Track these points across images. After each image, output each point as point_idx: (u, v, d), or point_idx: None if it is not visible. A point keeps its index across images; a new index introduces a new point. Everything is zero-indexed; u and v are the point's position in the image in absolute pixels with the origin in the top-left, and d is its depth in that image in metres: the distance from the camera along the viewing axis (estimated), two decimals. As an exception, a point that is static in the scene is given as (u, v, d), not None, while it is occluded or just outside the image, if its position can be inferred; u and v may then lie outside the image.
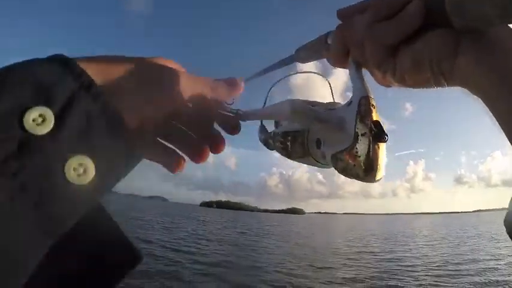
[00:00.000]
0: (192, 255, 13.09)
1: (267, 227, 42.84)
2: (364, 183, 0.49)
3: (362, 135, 0.46)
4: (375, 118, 0.47)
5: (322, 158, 0.56)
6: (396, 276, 11.25)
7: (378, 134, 0.46)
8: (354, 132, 0.47)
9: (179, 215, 48.87)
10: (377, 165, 0.46)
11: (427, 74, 0.46)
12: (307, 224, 65.08)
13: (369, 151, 0.46)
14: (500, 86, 0.40)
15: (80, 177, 0.37)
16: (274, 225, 50.33)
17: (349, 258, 15.21)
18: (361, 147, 0.46)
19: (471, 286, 10.07)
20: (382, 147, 0.46)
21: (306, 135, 0.58)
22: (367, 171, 0.46)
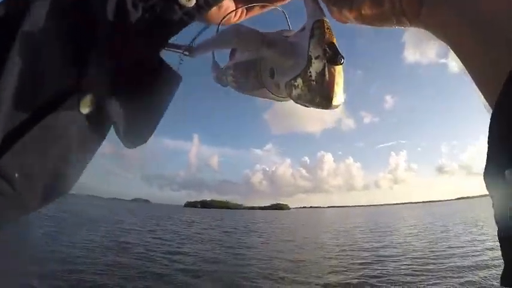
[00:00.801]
0: (173, 256, 13.08)
1: (252, 224, 42.86)
2: (323, 109, 0.47)
3: (316, 58, 0.44)
4: (329, 40, 0.45)
5: (276, 89, 0.56)
6: (384, 267, 11.45)
7: (333, 56, 0.44)
8: (307, 55, 0.45)
9: (163, 217, 48.47)
10: (333, 89, 0.44)
11: (386, 11, 0.45)
12: (292, 219, 65.26)
13: (323, 74, 0.44)
14: (468, 30, 0.38)
15: None
16: (259, 222, 50.36)
17: (331, 252, 15.36)
18: (315, 70, 0.44)
19: (458, 270, 10.35)
20: (339, 70, 0.44)
21: (259, 64, 0.57)
22: (322, 95, 0.45)
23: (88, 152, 0.59)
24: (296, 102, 0.51)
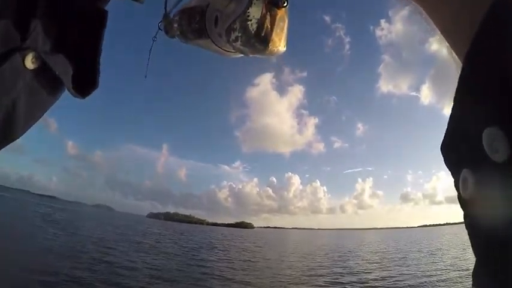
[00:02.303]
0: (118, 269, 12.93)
1: (214, 241, 42.60)
2: (261, 55, 0.46)
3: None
4: None
5: (220, 39, 0.55)
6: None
7: None
8: None
9: (124, 226, 47.88)
10: (271, 33, 0.43)
11: None
12: (255, 238, 65.22)
13: (263, 16, 0.43)
14: None
15: None
16: (220, 239, 50.07)
17: (285, 275, 15.56)
18: (254, 11, 0.43)
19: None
20: (282, 15, 0.43)
21: (205, 11, 0.56)
22: (259, 38, 0.43)
23: (37, 108, 0.64)
24: (235, 49, 0.53)
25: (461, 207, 0.41)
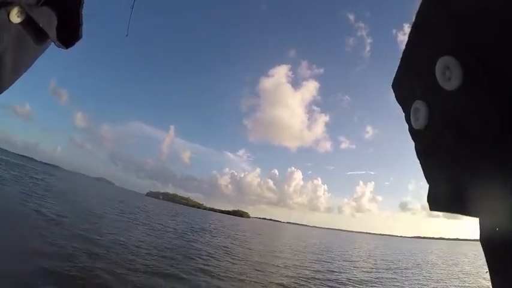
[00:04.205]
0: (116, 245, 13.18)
1: (207, 225, 43.20)
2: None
3: None
4: None
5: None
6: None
7: None
8: None
9: (121, 201, 48.49)
10: None
11: None
12: (249, 227, 65.74)
13: None
14: None
15: None
16: (214, 224, 50.58)
17: (268, 268, 16.05)
18: None
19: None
20: None
21: None
22: None
23: (24, 60, 0.66)
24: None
25: (413, 138, 0.44)
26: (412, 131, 0.44)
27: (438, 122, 0.39)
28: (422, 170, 0.43)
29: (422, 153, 0.43)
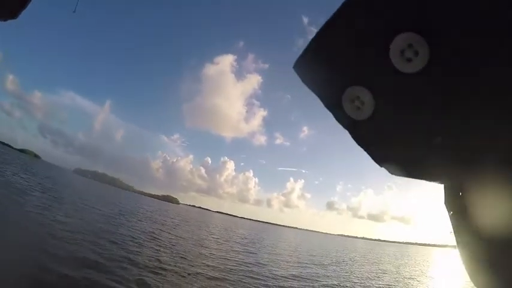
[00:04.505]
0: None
1: (136, 208, 42.54)
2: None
3: None
4: None
5: None
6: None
7: None
8: None
9: (49, 177, 46.05)
10: None
11: None
12: (178, 214, 65.30)
13: None
14: None
15: None
16: (144, 208, 49.67)
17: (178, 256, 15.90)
18: None
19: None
20: None
21: None
22: None
23: None
24: None
25: (349, 128, 0.41)
26: (349, 121, 0.41)
27: (388, 111, 0.36)
28: (371, 156, 0.41)
29: (366, 143, 0.41)
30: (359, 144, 0.42)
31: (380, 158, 0.41)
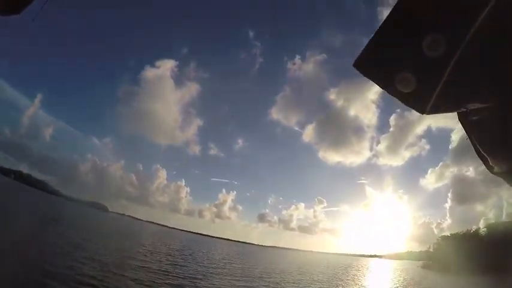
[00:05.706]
0: None
1: (64, 215, 40.92)
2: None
3: None
4: None
5: None
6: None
7: None
8: None
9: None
10: None
11: None
12: (107, 223, 62.75)
13: None
14: None
15: None
16: (72, 215, 48.04)
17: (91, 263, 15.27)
18: None
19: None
20: None
21: None
22: None
23: None
24: None
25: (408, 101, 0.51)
26: (398, 94, 0.53)
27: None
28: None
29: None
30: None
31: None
